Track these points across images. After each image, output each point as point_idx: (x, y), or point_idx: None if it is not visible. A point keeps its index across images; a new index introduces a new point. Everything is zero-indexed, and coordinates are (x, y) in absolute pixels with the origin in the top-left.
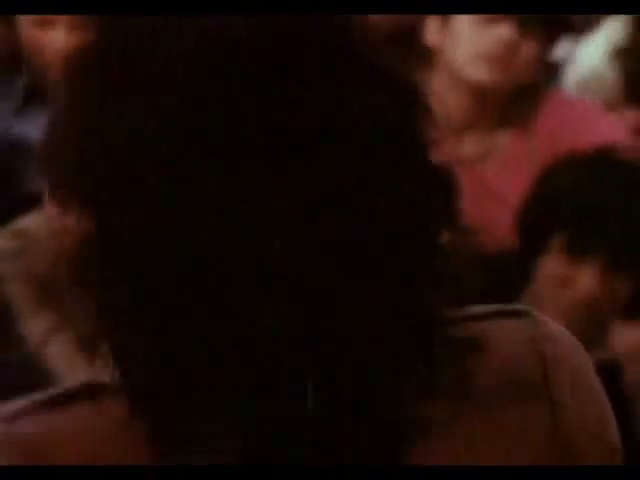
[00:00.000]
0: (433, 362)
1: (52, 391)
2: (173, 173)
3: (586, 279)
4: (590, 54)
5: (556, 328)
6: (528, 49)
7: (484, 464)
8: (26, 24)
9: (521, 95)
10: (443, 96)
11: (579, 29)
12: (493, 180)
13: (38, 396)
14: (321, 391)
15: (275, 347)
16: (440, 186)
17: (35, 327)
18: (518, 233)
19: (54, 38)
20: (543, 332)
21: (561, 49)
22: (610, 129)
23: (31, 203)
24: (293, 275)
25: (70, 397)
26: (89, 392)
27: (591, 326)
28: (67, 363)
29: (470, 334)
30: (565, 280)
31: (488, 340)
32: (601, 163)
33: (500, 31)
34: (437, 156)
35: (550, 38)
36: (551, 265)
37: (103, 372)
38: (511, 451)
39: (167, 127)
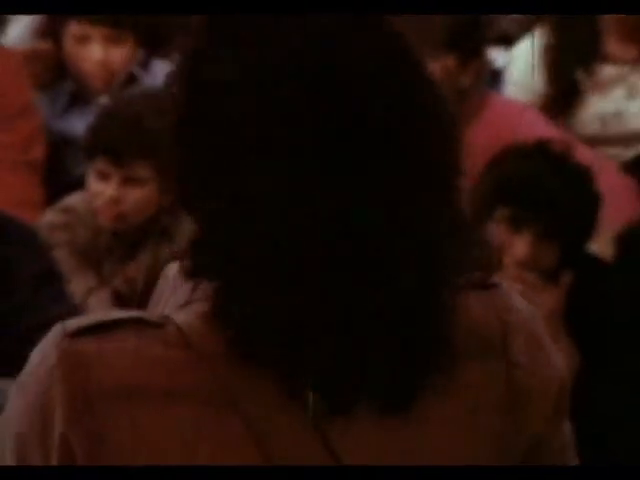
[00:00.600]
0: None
1: (106, 316)
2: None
3: (521, 246)
4: (520, 60)
5: (519, 300)
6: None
7: (451, 412)
8: (68, 40)
9: (457, 101)
10: None
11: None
12: None
13: (95, 318)
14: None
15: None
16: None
17: (78, 286)
18: (470, 205)
19: (91, 52)
20: (508, 303)
21: (501, 58)
22: (542, 126)
23: (76, 185)
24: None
25: (119, 324)
26: (136, 322)
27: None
28: None
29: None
30: (503, 246)
31: (463, 307)
32: (539, 152)
33: None
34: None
35: (464, 59)
36: (493, 233)
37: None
38: (475, 400)
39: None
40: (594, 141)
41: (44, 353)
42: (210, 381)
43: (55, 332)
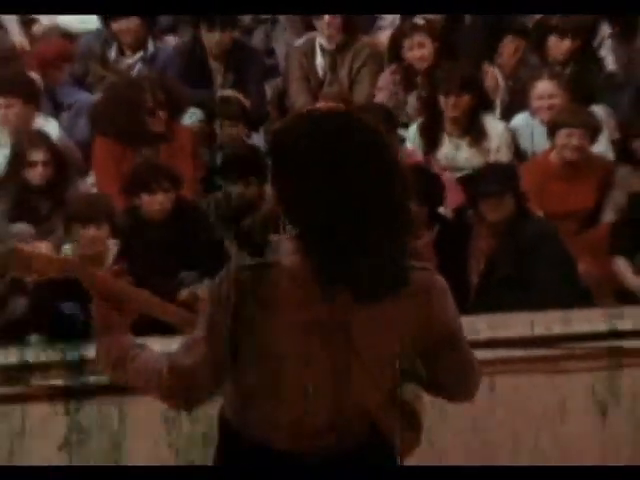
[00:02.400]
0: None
1: (252, 260)
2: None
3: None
4: (413, 131)
5: (437, 275)
6: None
7: (402, 330)
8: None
9: None
10: None
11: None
12: None
13: (250, 262)
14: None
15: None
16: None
17: None
18: None
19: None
20: (432, 277)
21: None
22: (420, 159)
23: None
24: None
25: (259, 264)
26: (269, 263)
27: None
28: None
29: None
30: None
31: (413, 281)
32: (418, 170)
33: None
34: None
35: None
36: None
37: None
38: (412, 321)
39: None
40: (444, 168)
41: (223, 274)
42: (303, 287)
43: (227, 267)
